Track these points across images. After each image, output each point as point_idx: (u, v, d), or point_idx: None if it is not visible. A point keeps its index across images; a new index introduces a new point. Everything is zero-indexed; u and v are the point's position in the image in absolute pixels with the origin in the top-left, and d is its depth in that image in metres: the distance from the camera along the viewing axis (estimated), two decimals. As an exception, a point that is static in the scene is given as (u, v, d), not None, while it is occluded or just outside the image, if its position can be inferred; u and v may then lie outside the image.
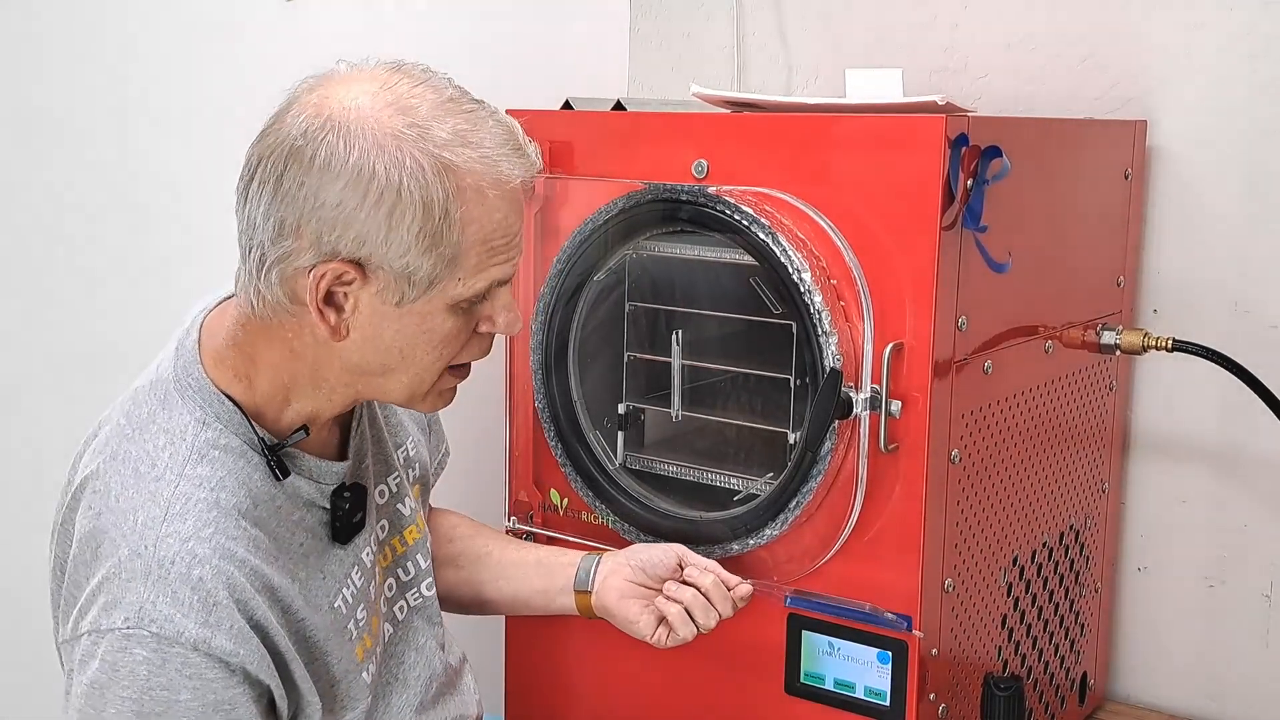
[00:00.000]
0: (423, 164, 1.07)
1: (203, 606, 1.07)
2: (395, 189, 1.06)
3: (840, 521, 1.39)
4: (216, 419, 1.14)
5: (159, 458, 1.12)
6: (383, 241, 1.07)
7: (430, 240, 1.08)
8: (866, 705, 1.41)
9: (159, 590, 1.06)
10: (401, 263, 1.08)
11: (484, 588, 1.49)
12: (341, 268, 1.08)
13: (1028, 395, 1.52)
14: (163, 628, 1.05)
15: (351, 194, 1.06)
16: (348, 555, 1.23)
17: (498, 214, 1.11)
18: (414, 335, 1.13)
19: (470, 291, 1.12)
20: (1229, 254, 1.73)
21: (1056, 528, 1.63)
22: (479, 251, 1.11)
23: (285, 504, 1.17)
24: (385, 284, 1.10)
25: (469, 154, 1.09)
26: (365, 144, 1.06)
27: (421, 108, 1.09)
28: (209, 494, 1.11)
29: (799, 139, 1.39)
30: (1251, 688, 1.78)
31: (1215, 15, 1.70)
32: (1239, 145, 1.71)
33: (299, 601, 1.16)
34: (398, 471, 1.35)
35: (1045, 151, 1.51)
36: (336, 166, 1.06)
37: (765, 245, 1.37)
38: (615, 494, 1.54)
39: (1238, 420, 1.73)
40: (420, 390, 1.18)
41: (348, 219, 1.06)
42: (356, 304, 1.11)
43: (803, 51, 2.01)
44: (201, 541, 1.09)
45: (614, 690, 1.60)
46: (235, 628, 1.08)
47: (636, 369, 1.60)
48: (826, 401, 1.33)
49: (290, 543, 1.17)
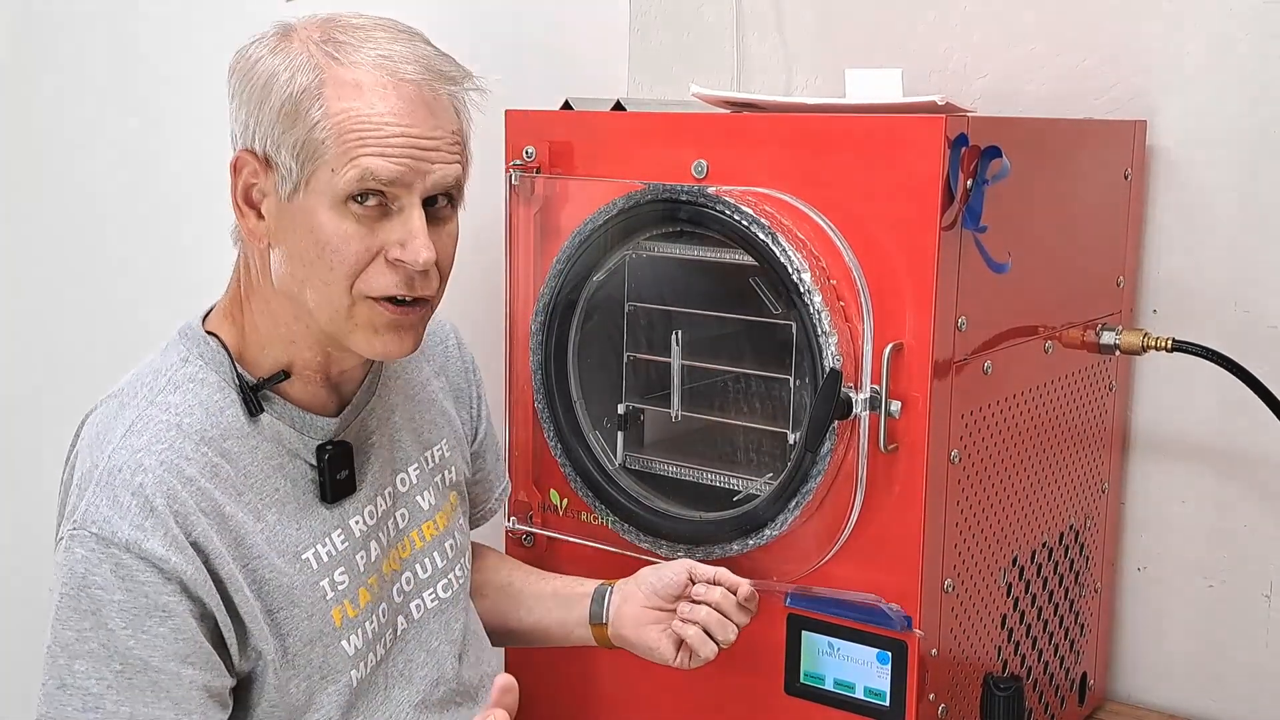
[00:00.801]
0: (305, 56, 1.14)
1: (140, 511, 1.11)
2: (270, 75, 1.14)
3: (840, 522, 1.39)
4: (199, 357, 1.21)
5: (139, 390, 1.19)
6: (258, 123, 1.14)
7: (290, 119, 1.12)
8: (866, 705, 1.41)
9: (103, 494, 1.12)
10: (276, 145, 1.13)
11: (508, 618, 1.50)
12: (244, 157, 1.16)
13: (1027, 395, 1.52)
14: (101, 529, 1.10)
15: (246, 84, 1.16)
16: (332, 516, 1.25)
17: (360, 103, 1.13)
18: (307, 237, 1.15)
19: (345, 185, 1.13)
20: (1229, 254, 1.73)
21: (1056, 528, 1.63)
22: (346, 140, 1.12)
23: (263, 445, 1.21)
24: (278, 175, 1.14)
25: (361, 51, 1.14)
26: (271, 43, 1.16)
27: (342, 23, 1.17)
28: (172, 417, 1.17)
29: (799, 139, 1.39)
30: (1251, 687, 1.78)
31: (1215, 16, 1.70)
32: (1239, 145, 1.71)
33: (257, 538, 1.18)
34: (420, 465, 1.36)
35: (1045, 152, 1.51)
36: (247, 65, 1.16)
37: (765, 245, 1.37)
38: (615, 494, 1.54)
39: (1237, 420, 1.73)
40: (338, 316, 1.17)
41: (240, 105, 1.16)
42: (265, 202, 1.16)
43: (802, 52, 2.01)
44: (151, 455, 1.14)
45: (614, 691, 1.61)
46: (169, 535, 1.12)
47: (636, 369, 1.60)
48: (826, 402, 1.33)
49: (262, 483, 1.20)
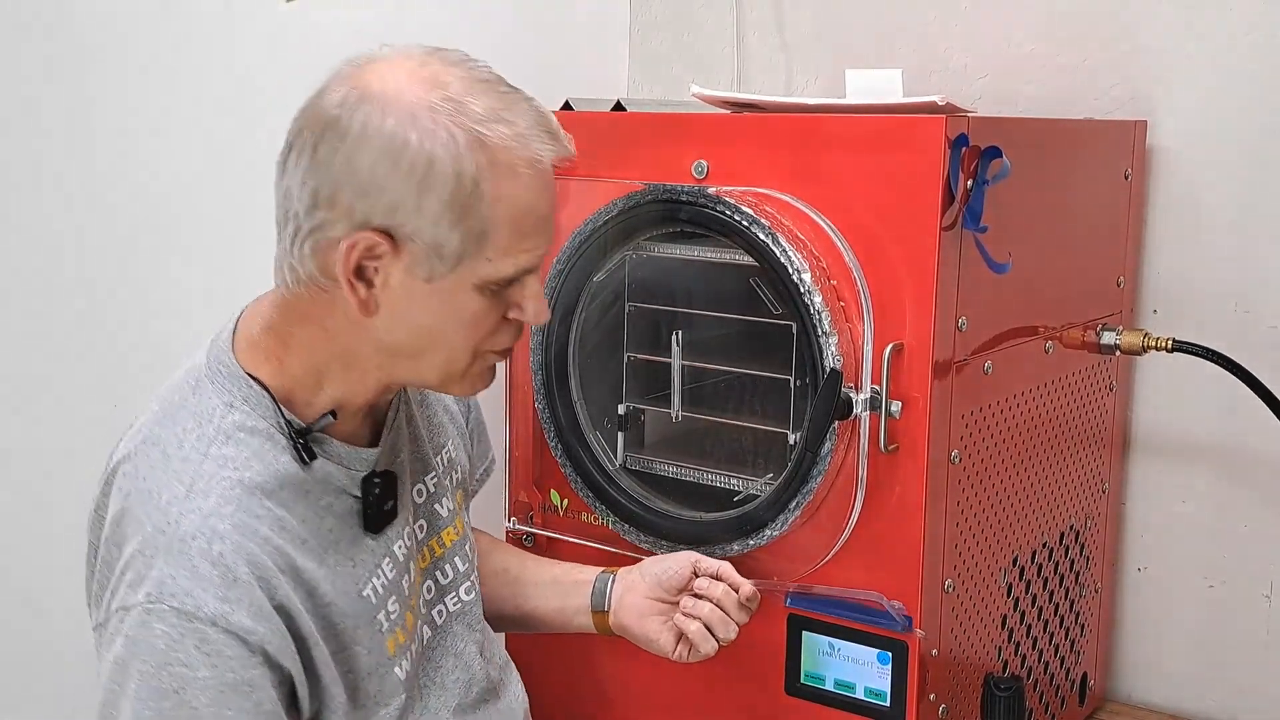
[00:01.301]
0: (456, 135, 1.07)
1: (222, 581, 1.07)
2: (427, 158, 1.06)
3: (840, 522, 1.39)
4: (244, 402, 1.15)
5: (186, 440, 1.13)
6: (413, 211, 1.07)
7: (460, 212, 1.08)
8: (867, 706, 1.41)
9: (179, 565, 1.07)
10: (431, 234, 1.08)
11: (503, 605, 1.48)
12: (373, 238, 1.08)
13: (1028, 396, 1.52)
14: (182, 602, 1.06)
15: (384, 161, 1.07)
16: (379, 545, 1.22)
17: (529, 194, 1.11)
18: (442, 314, 1.13)
19: (498, 273, 1.12)
20: (1229, 254, 1.73)
21: (1057, 528, 1.63)
22: (508, 232, 1.11)
23: (314, 488, 1.17)
24: (415, 258, 1.09)
25: (502, 130, 1.09)
26: (401, 114, 1.07)
27: (455, 84, 1.09)
28: (233, 473, 1.12)
29: (799, 139, 1.39)
30: (1251, 688, 1.78)
31: (1215, 15, 1.70)
32: (1239, 145, 1.71)
33: (325, 585, 1.15)
34: (435, 472, 1.34)
35: (1045, 152, 1.51)
36: (371, 134, 1.07)
37: (765, 246, 1.37)
38: (615, 495, 1.54)
39: (1238, 420, 1.73)
40: (454, 372, 1.18)
41: (380, 186, 1.07)
42: (387, 279, 1.10)
43: (802, 52, 2.01)
44: (222, 518, 1.09)
45: (614, 691, 1.61)
46: (255, 604, 1.08)
47: (636, 369, 1.60)
48: (826, 402, 1.33)
49: (319, 527, 1.17)
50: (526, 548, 1.63)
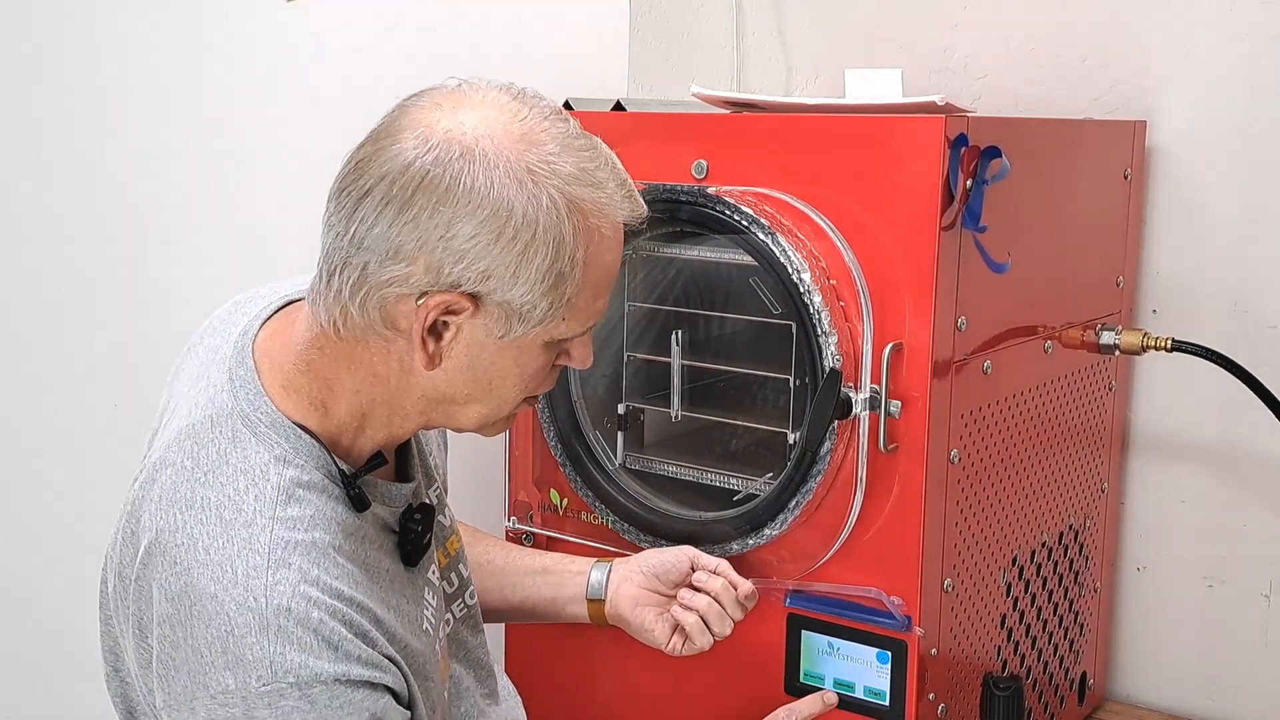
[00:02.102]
0: (557, 202, 1.04)
1: (329, 646, 1.03)
2: (532, 226, 1.03)
3: (840, 521, 1.39)
4: (296, 454, 1.09)
5: (243, 502, 1.07)
6: (510, 278, 1.04)
7: (555, 279, 1.06)
8: (866, 705, 1.41)
9: (282, 641, 1.02)
10: (520, 300, 1.06)
11: (489, 596, 1.47)
12: (457, 299, 1.05)
13: (1027, 395, 1.52)
14: (299, 675, 1.02)
15: (486, 229, 1.03)
16: (418, 576, 1.20)
17: (609, 255, 1.10)
18: (506, 368, 1.11)
19: (570, 332, 1.11)
20: (1228, 254, 1.73)
21: (1056, 528, 1.63)
22: (589, 293, 1.10)
23: (370, 532, 1.13)
24: (495, 318, 1.07)
25: (594, 194, 1.07)
26: (504, 177, 1.03)
27: (549, 144, 1.06)
28: (305, 534, 1.07)
29: (799, 139, 1.39)
30: (1251, 687, 1.78)
31: (1215, 15, 1.70)
32: (1239, 145, 1.71)
33: (400, 630, 1.13)
34: (436, 482, 1.32)
35: (1045, 152, 1.51)
36: (476, 198, 1.03)
37: (765, 245, 1.37)
38: (615, 494, 1.54)
39: (1237, 420, 1.73)
40: (495, 419, 1.16)
41: (479, 253, 1.03)
42: (458, 334, 1.08)
43: (802, 52, 2.02)
44: (310, 584, 1.04)
45: (613, 691, 1.61)
46: (366, 658, 1.06)
47: (636, 369, 1.60)
48: (826, 401, 1.33)
49: (379, 572, 1.13)
50: (526, 547, 1.63)
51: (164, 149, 1.55)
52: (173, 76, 1.55)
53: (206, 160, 1.57)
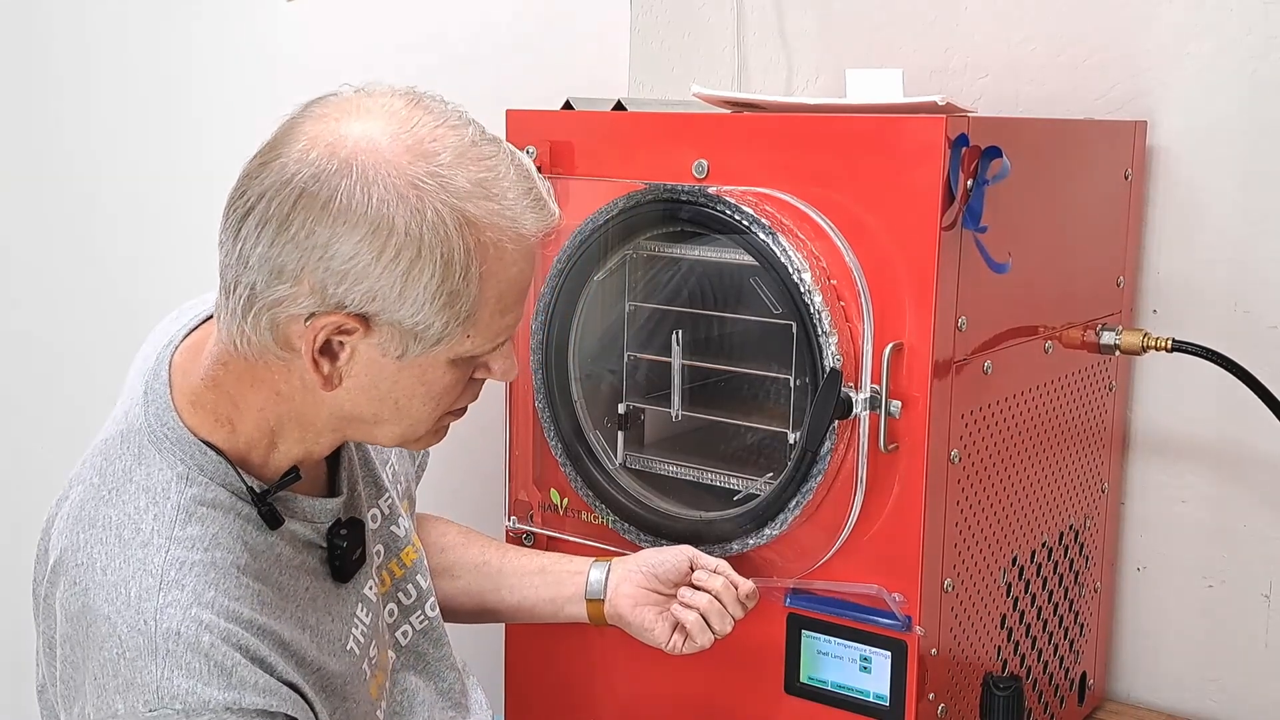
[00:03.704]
0: (444, 217, 0.99)
1: (220, 672, 1.01)
2: (415, 244, 0.99)
3: (840, 521, 1.39)
4: (200, 472, 1.07)
5: (142, 521, 1.04)
6: (396, 298, 1.00)
7: (447, 298, 1.01)
8: (866, 705, 1.41)
9: (171, 666, 0.99)
10: (413, 320, 1.02)
11: (485, 597, 1.45)
12: (344, 320, 1.01)
13: (1027, 395, 1.52)
14: (186, 702, 0.99)
15: (368, 247, 0.98)
16: (350, 593, 1.18)
17: (514, 269, 1.05)
18: (411, 387, 1.07)
19: (476, 350, 1.07)
20: (1229, 254, 1.73)
21: (1056, 528, 1.63)
22: (492, 309, 1.05)
23: (284, 550, 1.11)
24: (389, 337, 1.03)
25: (491, 207, 1.02)
26: (384, 193, 0.98)
27: (443, 154, 1.01)
28: (203, 555, 1.04)
29: (799, 139, 1.39)
30: (1251, 688, 1.78)
31: (1215, 16, 1.70)
32: (1239, 145, 1.71)
33: (313, 651, 1.10)
34: (388, 492, 1.29)
35: (1045, 152, 1.51)
36: (354, 216, 0.98)
37: (765, 245, 1.37)
38: (615, 494, 1.54)
39: (1237, 420, 1.73)
40: (412, 437, 1.13)
41: (361, 273, 0.99)
42: (354, 354, 1.04)
43: (803, 52, 2.02)
44: (203, 606, 1.02)
45: (614, 691, 1.61)
46: (260, 684, 1.03)
47: (637, 369, 1.60)
48: (826, 401, 1.33)
49: (295, 590, 1.11)
50: (526, 547, 1.63)
51: (163, 147, 1.55)
52: (172, 75, 1.55)
53: (206, 159, 1.57)
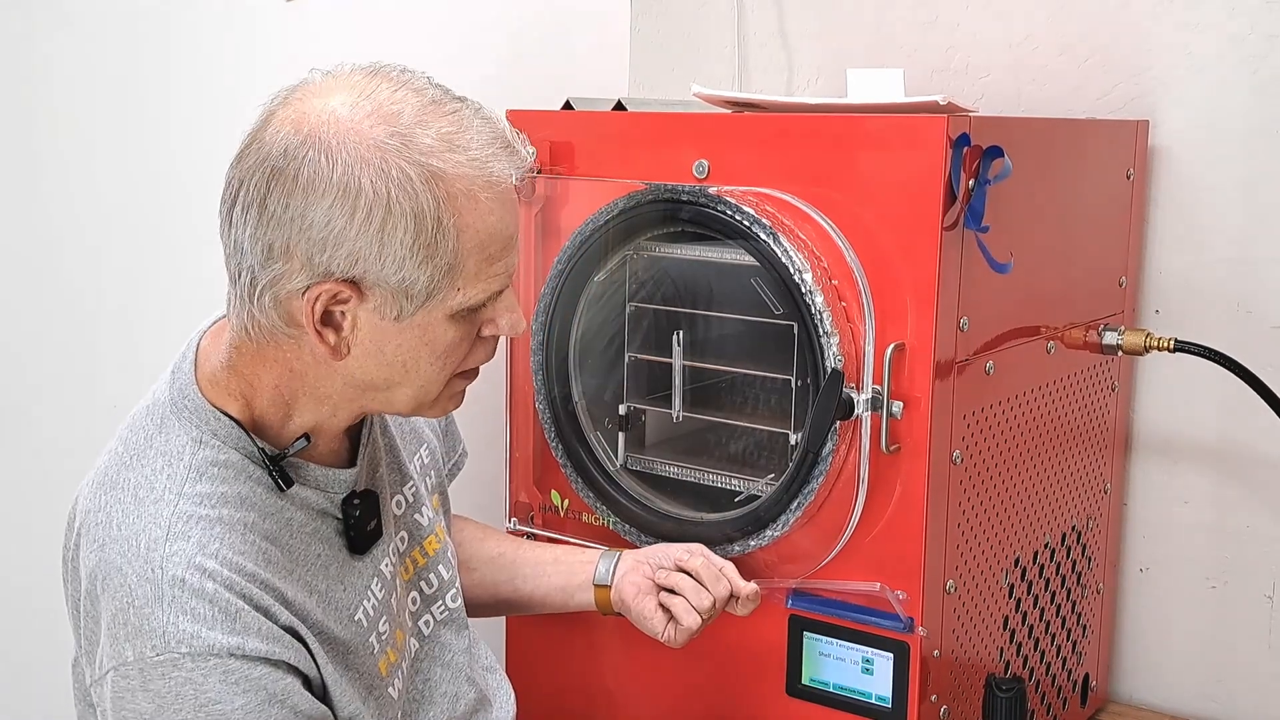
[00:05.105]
0: (410, 174, 1.04)
1: (225, 616, 1.05)
2: (384, 203, 1.03)
3: (842, 523, 1.38)
4: (214, 436, 1.12)
5: (156, 481, 1.10)
6: (376, 258, 1.04)
7: (425, 252, 1.05)
8: (868, 706, 1.41)
9: (175, 610, 1.04)
10: (397, 277, 1.05)
11: (500, 589, 1.49)
12: (336, 288, 1.06)
13: (1029, 396, 1.52)
14: (192, 646, 1.03)
15: (339, 212, 1.03)
16: (366, 566, 1.21)
17: (492, 217, 1.08)
18: (416, 347, 1.11)
19: (470, 301, 1.10)
20: (1231, 254, 1.72)
21: (1058, 528, 1.63)
22: (477, 259, 1.08)
23: (296, 515, 1.15)
24: (382, 300, 1.07)
25: (457, 158, 1.06)
26: (349, 158, 1.03)
27: (404, 113, 1.05)
28: (211, 510, 1.09)
29: (800, 139, 1.38)
30: (1254, 688, 1.78)
31: (1216, 16, 1.70)
32: (1240, 145, 1.71)
33: (318, 614, 1.14)
34: (413, 480, 1.32)
35: (1047, 152, 1.51)
36: (321, 185, 1.03)
37: (766, 245, 1.37)
38: (616, 495, 1.54)
39: (1240, 421, 1.73)
40: (427, 399, 1.16)
41: (338, 238, 1.04)
42: (355, 322, 1.08)
43: (804, 51, 2.01)
44: (208, 556, 1.06)
45: (615, 692, 1.60)
46: (263, 630, 1.07)
47: (637, 369, 1.60)
48: (828, 402, 1.33)
49: (306, 555, 1.15)
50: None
51: (164, 149, 1.55)
52: (171, 75, 1.55)
53: (206, 159, 1.57)
